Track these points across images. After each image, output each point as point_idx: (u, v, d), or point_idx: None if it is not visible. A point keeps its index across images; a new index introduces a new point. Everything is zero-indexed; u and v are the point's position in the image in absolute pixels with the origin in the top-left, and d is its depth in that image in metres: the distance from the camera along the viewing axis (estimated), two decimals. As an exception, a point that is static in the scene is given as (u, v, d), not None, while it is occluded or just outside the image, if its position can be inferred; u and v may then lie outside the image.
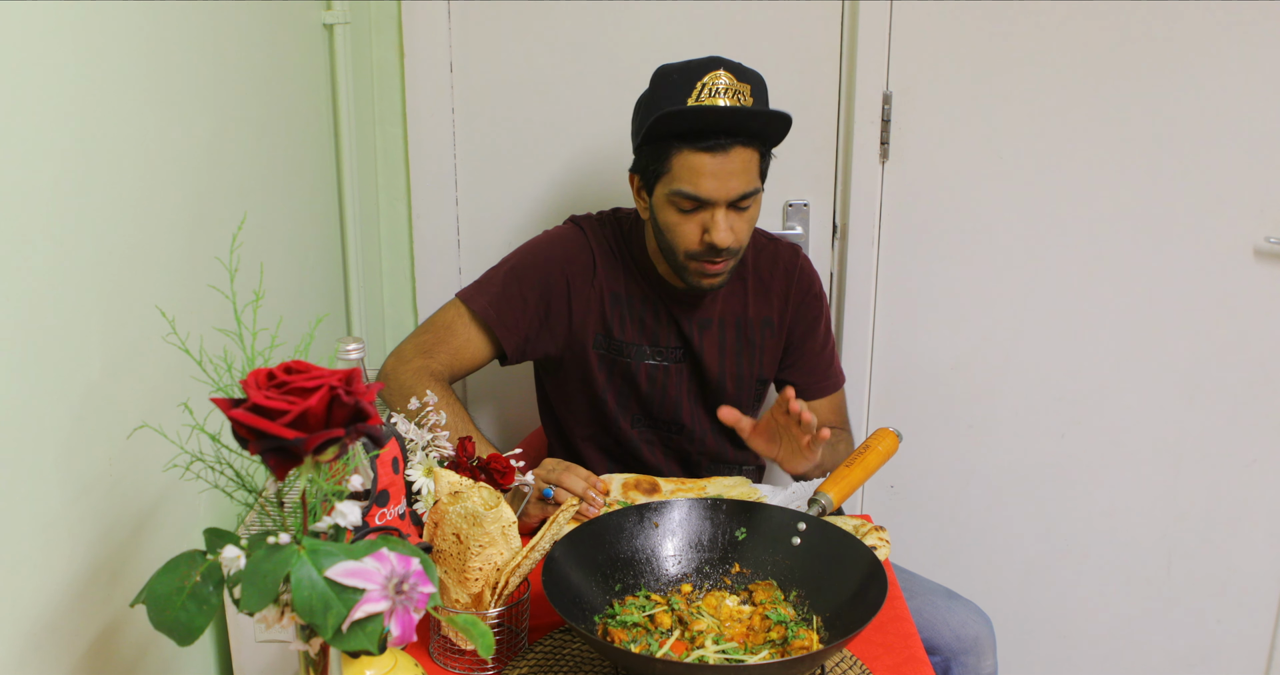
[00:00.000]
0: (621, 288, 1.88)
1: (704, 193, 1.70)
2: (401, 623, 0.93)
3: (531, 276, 1.87)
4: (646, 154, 1.75)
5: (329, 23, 2.05)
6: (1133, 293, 2.23)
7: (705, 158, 1.68)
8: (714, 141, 1.68)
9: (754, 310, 1.92)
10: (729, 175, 1.69)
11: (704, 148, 1.68)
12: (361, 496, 1.16)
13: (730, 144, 1.68)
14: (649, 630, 1.37)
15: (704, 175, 1.69)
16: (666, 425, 1.95)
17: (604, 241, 1.90)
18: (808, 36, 2.16)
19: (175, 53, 1.36)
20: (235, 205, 1.55)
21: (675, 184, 1.71)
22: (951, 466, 2.37)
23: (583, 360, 1.90)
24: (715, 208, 1.71)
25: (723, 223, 1.71)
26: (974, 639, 1.81)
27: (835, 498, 1.58)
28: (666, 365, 1.91)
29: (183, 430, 1.18)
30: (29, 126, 1.02)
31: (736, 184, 1.70)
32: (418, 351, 1.84)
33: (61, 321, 1.07)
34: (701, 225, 1.73)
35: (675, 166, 1.71)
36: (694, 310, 1.90)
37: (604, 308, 1.88)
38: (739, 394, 1.95)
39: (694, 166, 1.69)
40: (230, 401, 0.93)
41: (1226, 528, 2.33)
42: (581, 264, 1.88)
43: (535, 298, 1.86)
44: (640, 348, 1.89)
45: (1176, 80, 2.11)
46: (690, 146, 1.69)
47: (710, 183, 1.69)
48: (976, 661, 1.81)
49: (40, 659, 1.04)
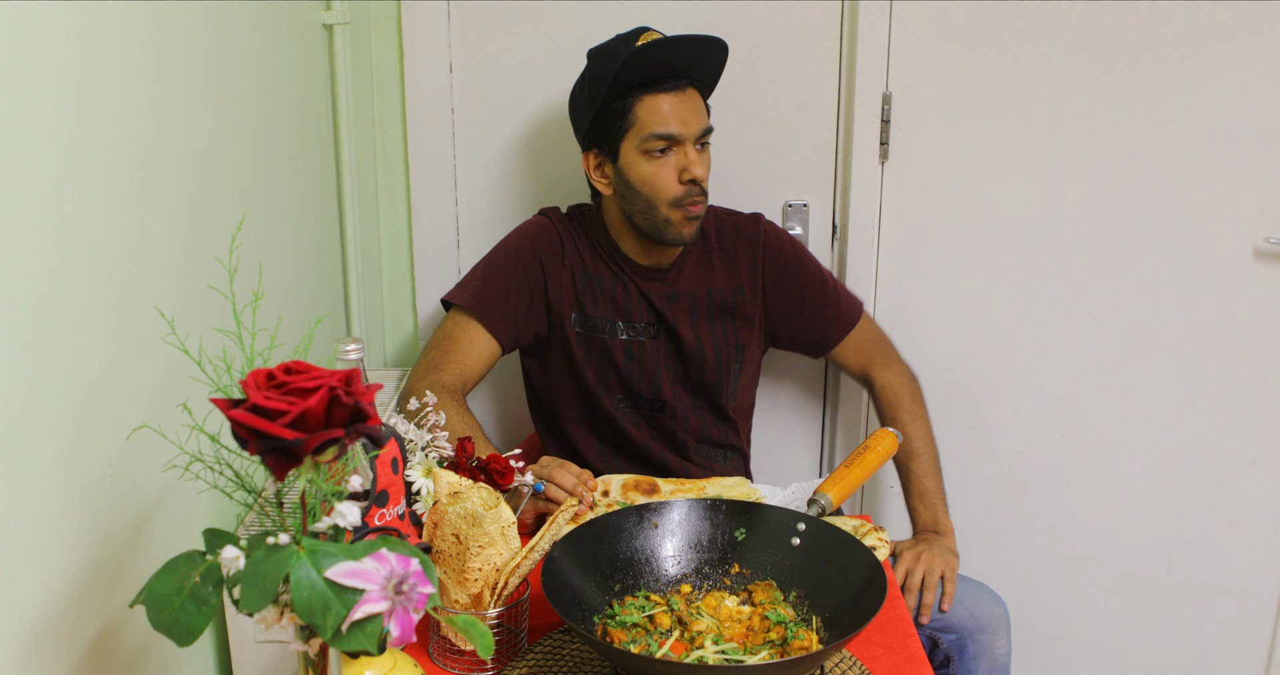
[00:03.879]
0: (589, 267, 1.97)
1: (674, 129, 1.82)
2: (401, 623, 0.93)
3: (508, 265, 1.96)
4: (605, 118, 1.86)
5: (329, 23, 2.05)
6: (1132, 293, 2.23)
7: (668, 97, 1.82)
8: (672, 83, 1.82)
9: (723, 280, 1.98)
10: (691, 112, 1.83)
11: (665, 89, 1.82)
12: (361, 497, 1.16)
13: (685, 84, 1.84)
14: (648, 631, 1.37)
15: (671, 114, 1.81)
16: (649, 403, 1.99)
17: (569, 227, 2.00)
18: (807, 36, 2.16)
19: (175, 53, 1.36)
20: (234, 205, 1.55)
21: (645, 129, 1.82)
22: (951, 466, 2.36)
23: (563, 339, 1.96)
24: (686, 144, 1.83)
25: (695, 157, 1.83)
26: (989, 618, 1.83)
27: (834, 498, 1.58)
28: (642, 341, 1.96)
29: (182, 431, 1.18)
30: (28, 126, 1.02)
31: (699, 120, 1.84)
32: (428, 369, 1.89)
33: (61, 322, 1.07)
34: (676, 167, 1.84)
35: (641, 114, 1.82)
36: (662, 285, 1.96)
37: (576, 286, 1.96)
38: (718, 361, 1.99)
39: (659, 108, 1.81)
40: (229, 402, 0.93)
41: (1226, 528, 2.33)
42: (551, 245, 1.97)
43: (515, 284, 1.94)
44: (614, 323, 1.96)
45: (1176, 80, 2.11)
46: (652, 91, 1.82)
47: (678, 119, 1.82)
48: (991, 641, 1.83)
49: (40, 659, 1.04)
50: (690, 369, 1.98)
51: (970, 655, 1.82)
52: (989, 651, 1.83)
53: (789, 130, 2.19)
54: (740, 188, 2.08)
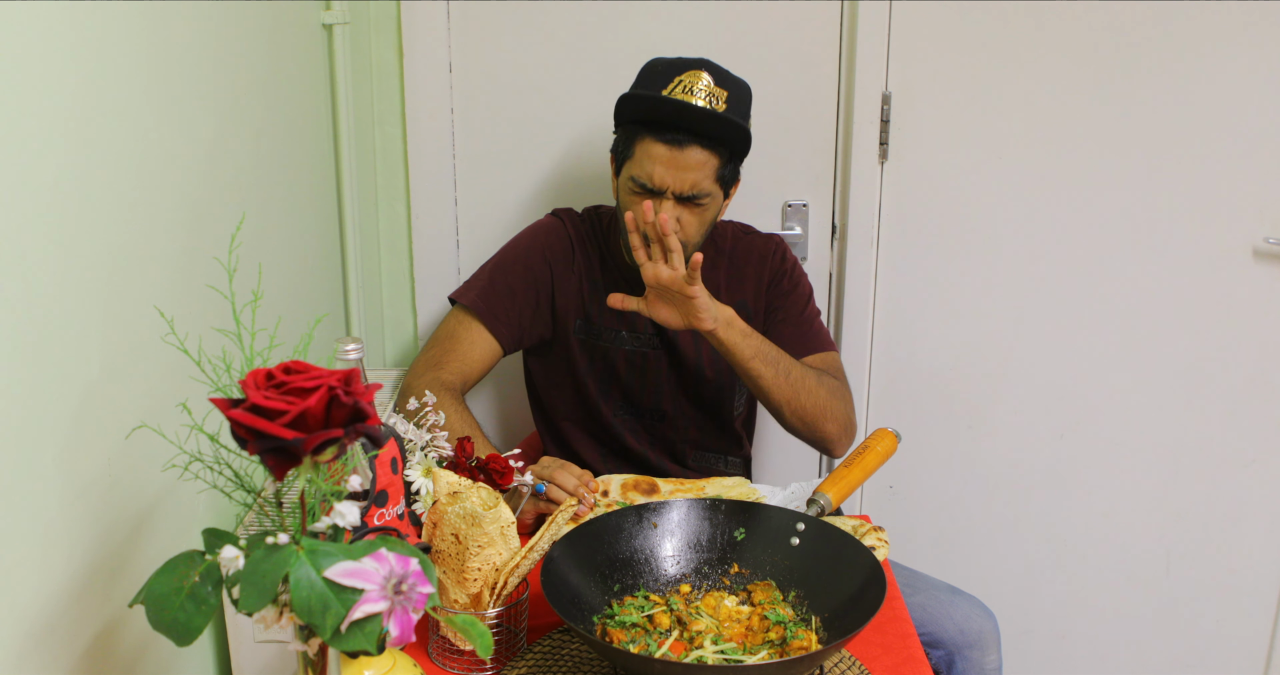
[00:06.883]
0: (599, 274, 1.95)
1: (653, 181, 1.78)
2: (400, 623, 0.93)
3: (516, 267, 1.94)
4: (620, 137, 1.85)
5: (328, 23, 2.05)
6: (1132, 293, 2.23)
7: (662, 148, 1.77)
8: (673, 136, 1.76)
9: (727, 296, 1.96)
10: (681, 169, 1.77)
11: (663, 139, 1.77)
12: (360, 497, 1.16)
13: (688, 141, 1.76)
14: (648, 631, 1.37)
15: (658, 164, 1.77)
16: (649, 413, 1.98)
17: (582, 232, 1.98)
18: (807, 37, 2.16)
19: (175, 53, 1.36)
20: (234, 205, 1.55)
21: (633, 169, 1.80)
22: (950, 467, 2.37)
23: (565, 345, 1.95)
24: (663, 198, 1.79)
25: (669, 211, 1.78)
26: (978, 633, 1.82)
27: (834, 498, 1.58)
28: (645, 352, 1.95)
29: (181, 430, 1.18)
30: (29, 126, 1.02)
31: (687, 179, 1.78)
32: (428, 366, 1.88)
33: (60, 321, 1.07)
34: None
35: (637, 152, 1.80)
36: None
37: (583, 293, 1.95)
38: (718, 379, 1.97)
39: (651, 155, 1.78)
40: (229, 402, 0.93)
41: (1225, 528, 2.33)
42: (562, 250, 1.95)
43: (522, 287, 1.93)
44: (618, 333, 1.95)
45: (1176, 80, 2.12)
46: (652, 136, 1.78)
47: (661, 172, 1.77)
48: (980, 656, 1.82)
49: (39, 659, 1.04)
50: (691, 382, 1.97)
51: (959, 671, 1.82)
52: (978, 667, 1.82)
53: (788, 130, 2.19)
54: (740, 188, 2.07)
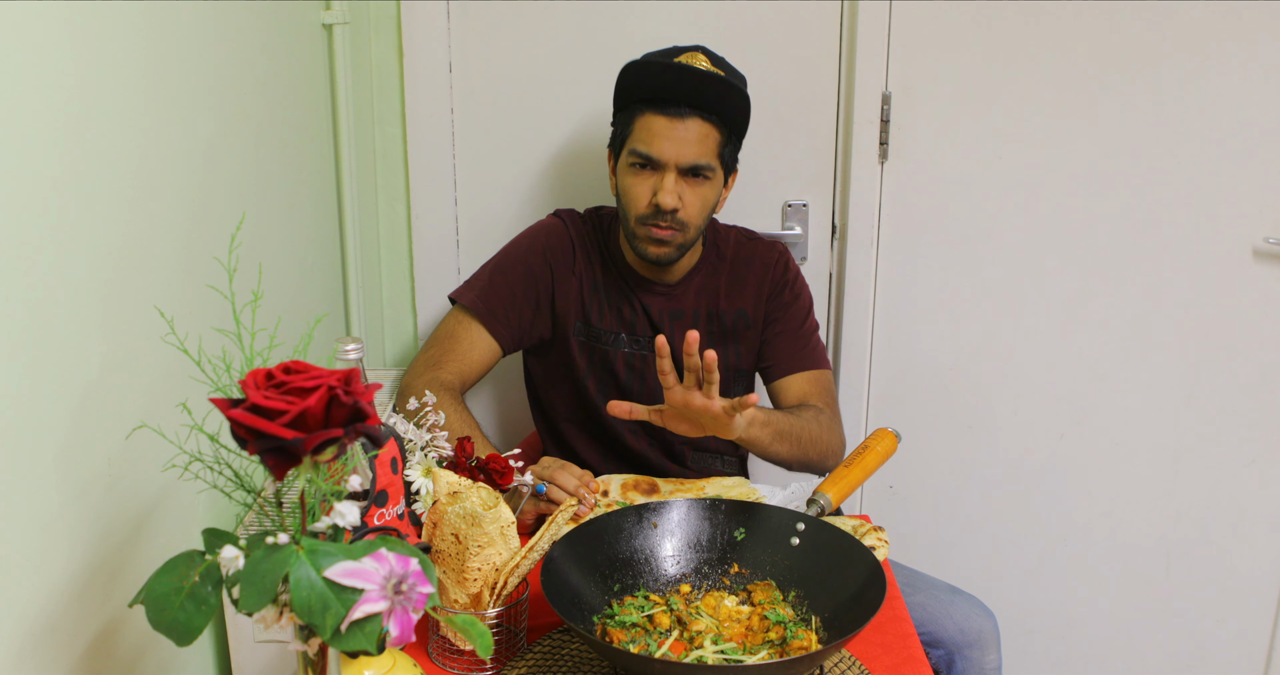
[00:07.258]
0: (599, 277, 1.95)
1: (655, 152, 1.79)
2: (400, 623, 0.93)
3: (517, 268, 1.94)
4: (617, 122, 1.87)
5: (328, 23, 2.05)
6: (1132, 293, 2.23)
7: (663, 120, 1.79)
8: (674, 109, 1.78)
9: (727, 302, 1.96)
10: (682, 141, 1.79)
11: (663, 112, 1.79)
12: (360, 497, 1.16)
13: (689, 113, 1.79)
14: (648, 630, 1.37)
15: (658, 136, 1.79)
16: None
17: (584, 233, 1.97)
18: (807, 36, 2.16)
19: (174, 53, 1.36)
20: (234, 205, 1.55)
21: (633, 144, 1.82)
22: (950, 467, 2.37)
23: (565, 346, 1.95)
24: (666, 171, 1.80)
25: (670, 186, 1.79)
26: (978, 633, 1.82)
27: (834, 498, 1.58)
28: (645, 354, 1.95)
29: (181, 430, 1.18)
30: (28, 126, 1.02)
31: (689, 151, 1.79)
32: (427, 366, 1.88)
33: (60, 321, 1.07)
34: (652, 188, 1.81)
35: (636, 128, 1.81)
36: (666, 301, 1.95)
37: (583, 295, 1.94)
38: None
39: (651, 128, 1.80)
40: (229, 401, 0.93)
41: (1225, 528, 2.33)
42: (562, 251, 1.95)
43: (522, 287, 1.93)
44: (618, 336, 1.94)
45: (1176, 80, 2.11)
46: (652, 110, 1.80)
47: (663, 144, 1.79)
48: (980, 656, 1.82)
49: (39, 659, 1.04)
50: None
51: (959, 670, 1.82)
52: (978, 666, 1.82)
53: (788, 130, 2.19)
54: (740, 188, 2.07)
